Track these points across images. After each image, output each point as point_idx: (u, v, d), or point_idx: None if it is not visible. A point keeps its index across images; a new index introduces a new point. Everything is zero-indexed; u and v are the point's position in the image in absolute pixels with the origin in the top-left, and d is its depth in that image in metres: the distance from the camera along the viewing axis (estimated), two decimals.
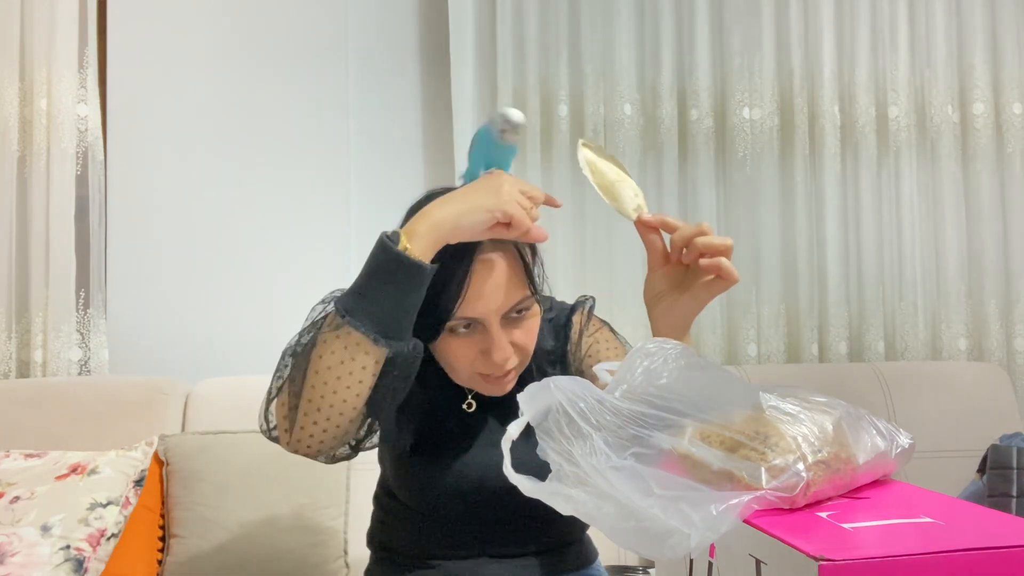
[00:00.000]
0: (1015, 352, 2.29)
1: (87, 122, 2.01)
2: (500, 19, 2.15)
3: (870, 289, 2.27)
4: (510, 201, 0.91)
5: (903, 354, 2.27)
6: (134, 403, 1.78)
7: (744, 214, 2.25)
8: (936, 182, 2.31)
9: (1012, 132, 2.31)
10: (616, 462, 0.69)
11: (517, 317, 1.01)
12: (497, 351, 0.98)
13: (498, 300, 0.98)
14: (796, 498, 0.66)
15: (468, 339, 0.99)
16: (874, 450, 0.76)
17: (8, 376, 1.93)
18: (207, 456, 1.65)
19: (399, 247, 0.88)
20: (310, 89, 2.14)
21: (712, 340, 2.21)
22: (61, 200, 1.96)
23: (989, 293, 2.29)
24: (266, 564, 1.59)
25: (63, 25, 1.97)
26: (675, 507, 0.63)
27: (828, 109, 2.25)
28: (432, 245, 0.90)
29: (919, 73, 2.32)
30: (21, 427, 1.72)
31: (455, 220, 0.90)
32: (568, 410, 0.74)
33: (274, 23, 2.14)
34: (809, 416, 0.73)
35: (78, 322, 1.98)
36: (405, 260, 0.88)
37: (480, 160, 1.03)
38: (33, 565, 1.40)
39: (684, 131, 2.25)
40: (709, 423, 0.73)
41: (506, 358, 0.98)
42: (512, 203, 0.91)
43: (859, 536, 0.60)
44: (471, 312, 0.97)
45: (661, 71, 2.22)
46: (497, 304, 0.98)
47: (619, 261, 2.18)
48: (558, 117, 2.16)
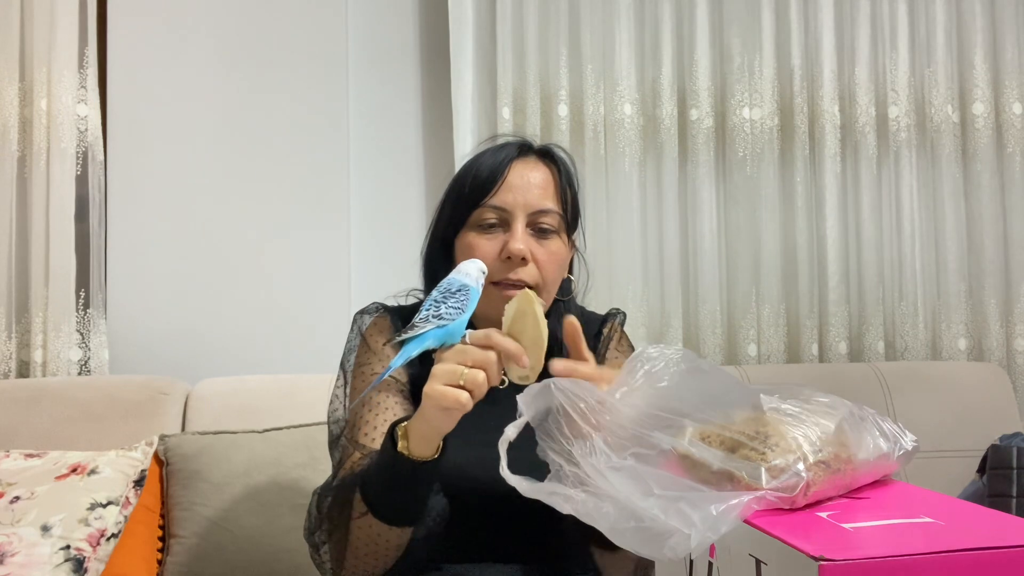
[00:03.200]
0: (1015, 352, 2.29)
1: (87, 122, 2.01)
2: (500, 19, 2.15)
3: (870, 289, 2.27)
4: (443, 395, 0.84)
5: (903, 354, 2.27)
6: (134, 403, 1.78)
7: (744, 214, 2.25)
8: (936, 182, 2.31)
9: (1012, 132, 2.31)
10: (616, 462, 0.69)
11: (542, 235, 1.09)
12: (515, 240, 1.06)
13: (528, 197, 1.08)
14: (796, 498, 0.66)
15: (491, 237, 1.07)
16: (876, 451, 0.76)
17: (8, 376, 1.93)
18: (207, 456, 1.65)
19: (399, 446, 0.90)
20: (310, 89, 2.14)
21: (712, 340, 2.21)
22: (61, 200, 1.95)
23: (989, 293, 2.29)
24: (266, 564, 1.59)
25: (63, 25, 1.97)
26: (675, 507, 0.63)
27: (828, 109, 2.25)
28: (430, 443, 0.90)
29: (919, 73, 2.32)
30: (21, 427, 1.72)
31: (435, 429, 0.88)
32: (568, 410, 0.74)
33: (274, 24, 2.14)
34: (810, 416, 0.73)
35: (78, 322, 1.98)
36: (403, 459, 0.90)
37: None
38: (33, 565, 1.40)
39: (684, 131, 2.25)
40: (709, 423, 0.73)
41: (521, 249, 1.05)
42: (446, 395, 0.84)
43: (859, 536, 0.60)
44: (500, 201, 1.07)
45: (661, 71, 2.22)
46: (526, 199, 1.07)
47: (619, 260, 2.18)
48: (558, 117, 2.16)
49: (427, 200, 2.23)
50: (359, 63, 2.21)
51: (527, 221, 1.08)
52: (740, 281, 2.24)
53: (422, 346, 0.83)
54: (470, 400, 0.83)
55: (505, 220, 1.08)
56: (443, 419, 0.86)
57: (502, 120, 2.12)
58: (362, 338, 1.15)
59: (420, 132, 2.25)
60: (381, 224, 2.20)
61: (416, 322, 0.84)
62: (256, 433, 1.70)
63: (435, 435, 0.88)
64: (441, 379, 0.83)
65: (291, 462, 1.66)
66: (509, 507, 0.96)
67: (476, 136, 2.15)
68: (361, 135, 2.20)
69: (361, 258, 2.16)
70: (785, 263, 2.26)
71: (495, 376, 0.84)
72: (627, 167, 2.19)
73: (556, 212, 1.10)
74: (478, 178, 1.09)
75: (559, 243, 1.11)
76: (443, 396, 0.83)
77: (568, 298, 1.18)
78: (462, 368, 0.83)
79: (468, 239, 1.10)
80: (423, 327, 0.83)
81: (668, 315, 2.20)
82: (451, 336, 0.84)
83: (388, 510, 0.94)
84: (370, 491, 0.95)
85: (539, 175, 1.11)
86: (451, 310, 0.84)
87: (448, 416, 0.85)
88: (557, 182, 1.12)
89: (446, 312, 0.84)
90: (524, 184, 1.09)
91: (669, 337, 2.20)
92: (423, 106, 2.25)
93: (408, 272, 1.27)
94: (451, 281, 0.89)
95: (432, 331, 0.83)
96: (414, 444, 0.89)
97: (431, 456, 0.90)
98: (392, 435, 0.91)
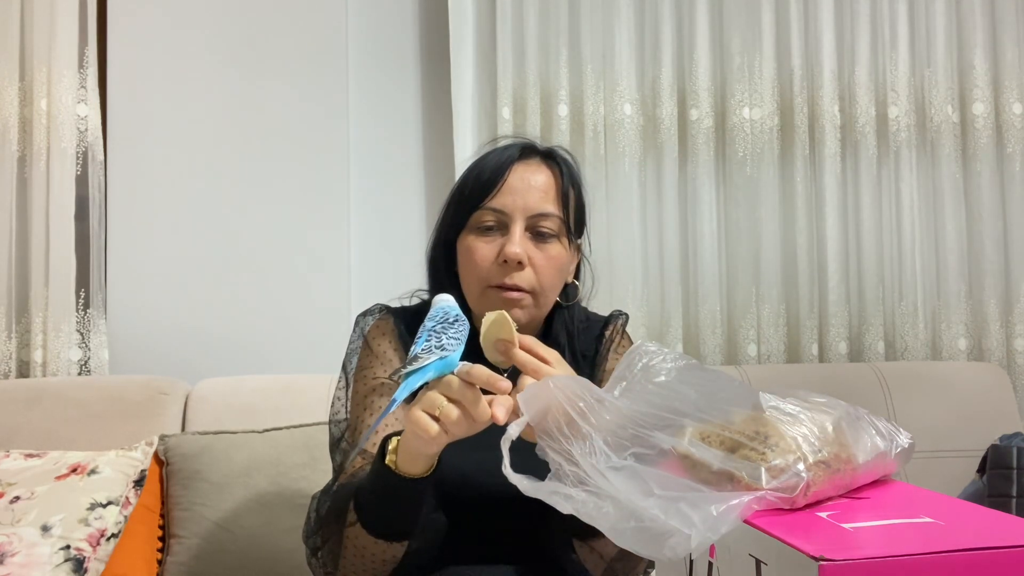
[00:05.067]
0: (1015, 352, 2.29)
1: (87, 122, 2.01)
2: (500, 19, 2.15)
3: (870, 289, 2.27)
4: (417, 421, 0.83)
5: (903, 354, 2.27)
6: (134, 403, 1.78)
7: (744, 214, 2.25)
8: (936, 182, 2.31)
9: (1012, 132, 2.31)
10: (616, 462, 0.69)
11: (541, 239, 1.08)
12: (511, 244, 1.05)
13: (528, 200, 1.07)
14: (796, 498, 0.66)
15: (490, 240, 1.07)
16: (874, 450, 0.76)
17: (8, 376, 1.93)
18: (207, 456, 1.65)
19: (387, 459, 0.89)
20: (310, 89, 2.14)
21: (712, 340, 2.21)
22: (61, 200, 1.95)
23: (989, 293, 2.29)
24: (266, 564, 1.59)
25: (63, 25, 1.97)
26: (675, 507, 0.63)
27: (828, 109, 2.25)
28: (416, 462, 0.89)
29: (919, 73, 2.32)
30: (21, 427, 1.72)
31: (415, 449, 0.87)
32: (568, 409, 0.74)
33: (274, 23, 2.14)
34: (809, 416, 0.73)
35: (78, 322, 1.98)
36: (390, 472, 0.89)
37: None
38: (33, 565, 1.40)
39: (684, 131, 2.25)
40: (709, 423, 0.73)
41: (518, 253, 1.04)
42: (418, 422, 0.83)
43: (859, 536, 0.60)
44: (499, 204, 1.06)
45: (661, 71, 2.22)
46: (526, 202, 1.06)
47: (619, 260, 2.18)
48: (558, 117, 2.16)
49: (427, 200, 2.23)
50: (359, 63, 2.21)
51: (526, 224, 1.07)
52: (740, 281, 2.24)
53: (424, 377, 0.82)
54: (441, 434, 0.81)
55: (504, 223, 1.07)
56: (419, 444, 0.84)
57: (502, 120, 2.12)
58: (364, 340, 1.14)
59: (420, 132, 2.25)
60: (381, 224, 2.20)
61: (419, 353, 0.82)
62: (256, 433, 1.70)
63: (418, 455, 0.87)
64: (421, 405, 0.82)
65: (291, 462, 1.66)
66: (509, 510, 0.96)
67: (476, 136, 2.15)
68: (361, 135, 2.20)
69: (361, 258, 2.16)
70: (785, 263, 2.26)
71: (475, 414, 0.81)
72: (627, 167, 2.19)
73: (556, 216, 1.09)
74: (479, 180, 1.09)
75: (559, 247, 1.10)
76: (416, 422, 0.82)
77: (571, 303, 1.17)
78: (442, 399, 0.81)
79: (467, 242, 1.09)
80: (427, 358, 0.82)
81: (668, 315, 2.20)
82: (449, 366, 0.82)
83: (376, 522, 0.93)
84: (361, 500, 0.94)
85: (541, 178, 1.09)
86: (452, 340, 0.83)
87: (422, 443, 0.83)
88: (559, 185, 1.11)
89: (447, 343, 0.83)
90: (524, 187, 1.07)
91: (669, 337, 2.20)
92: (423, 106, 2.25)
93: (408, 272, 1.27)
94: (446, 310, 0.88)
95: (435, 363, 0.82)
96: (402, 460, 0.88)
97: (420, 474, 0.88)
98: (383, 447, 0.90)
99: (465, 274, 1.10)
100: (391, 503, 0.91)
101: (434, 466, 0.89)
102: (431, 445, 0.83)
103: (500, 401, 0.81)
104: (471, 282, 1.09)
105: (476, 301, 1.09)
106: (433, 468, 0.89)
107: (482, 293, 1.08)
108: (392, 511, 0.92)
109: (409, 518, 0.93)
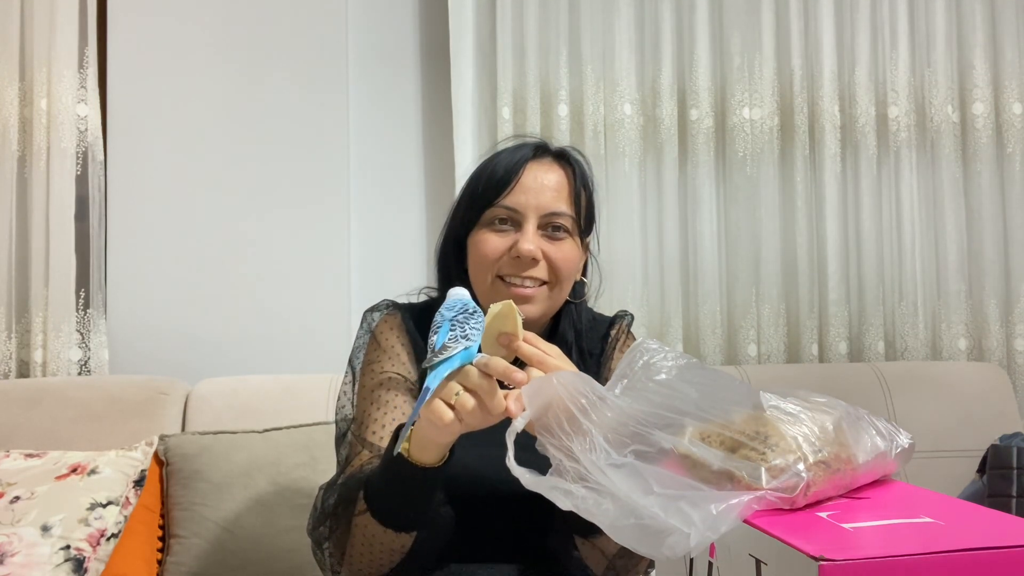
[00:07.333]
0: (1015, 352, 2.29)
1: (87, 122, 2.01)
2: (500, 19, 2.15)
3: (870, 289, 2.27)
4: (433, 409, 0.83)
5: (903, 354, 2.27)
6: (134, 403, 1.78)
7: (744, 214, 2.25)
8: (936, 182, 2.31)
9: (1012, 132, 2.31)
10: (616, 459, 0.69)
11: (554, 234, 1.10)
12: (525, 241, 1.07)
13: (541, 199, 1.08)
14: (796, 498, 0.66)
15: (503, 234, 1.09)
16: (874, 450, 0.76)
17: (8, 376, 1.93)
18: (207, 456, 1.65)
19: (400, 447, 0.88)
20: (310, 89, 2.14)
21: (712, 340, 2.21)
22: (61, 200, 1.95)
23: (989, 293, 2.29)
24: (266, 564, 1.59)
25: (63, 25, 1.97)
26: (675, 506, 0.63)
27: (828, 109, 2.25)
28: (428, 451, 0.89)
29: (919, 73, 2.32)
30: (21, 427, 1.72)
31: (429, 438, 0.87)
32: (569, 405, 0.74)
33: (274, 23, 2.14)
34: (809, 416, 0.73)
35: (78, 322, 1.98)
36: (402, 460, 0.89)
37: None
38: (33, 565, 1.40)
39: (684, 131, 2.25)
40: (709, 423, 0.73)
41: (531, 250, 1.06)
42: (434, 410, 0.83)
43: (859, 536, 0.60)
44: (513, 202, 1.08)
45: (661, 71, 2.22)
46: (539, 201, 1.08)
47: (619, 260, 2.18)
48: (558, 117, 2.16)
49: (427, 200, 2.23)
50: (359, 63, 2.21)
51: (539, 223, 1.09)
52: (740, 281, 2.24)
53: (452, 366, 0.82)
54: (455, 422, 0.81)
55: (517, 221, 1.09)
56: (433, 432, 0.85)
57: (502, 120, 2.12)
58: (372, 335, 1.15)
59: (420, 132, 2.25)
60: (381, 224, 2.20)
61: (448, 343, 0.82)
62: (256, 433, 1.70)
63: (431, 444, 0.87)
64: (438, 393, 0.83)
65: (291, 462, 1.66)
66: (511, 505, 0.96)
67: (476, 136, 2.15)
68: (361, 135, 2.20)
69: (361, 258, 2.16)
70: (785, 263, 2.26)
71: (491, 405, 0.81)
72: (627, 167, 2.19)
73: (568, 215, 1.11)
74: (492, 178, 1.10)
75: (571, 245, 1.12)
76: (432, 409, 0.82)
77: (579, 301, 1.19)
78: (459, 387, 0.82)
79: (479, 235, 1.10)
80: (455, 347, 0.82)
81: (668, 315, 2.20)
82: (469, 357, 0.83)
83: (385, 511, 0.94)
84: (372, 489, 0.95)
85: (553, 177, 1.11)
86: (473, 331, 0.83)
87: (436, 431, 0.84)
88: (572, 185, 1.12)
89: (470, 332, 0.83)
90: (537, 186, 1.09)
91: (669, 337, 2.20)
92: (423, 106, 2.25)
93: (408, 271, 1.27)
94: (463, 302, 0.88)
95: (461, 352, 0.82)
96: (415, 448, 0.88)
97: (432, 464, 0.89)
98: (395, 436, 0.91)
99: (475, 266, 1.11)
100: (402, 492, 0.92)
101: (446, 457, 0.90)
102: (444, 434, 0.84)
103: (514, 395, 0.82)
104: (481, 273, 1.10)
105: (485, 293, 1.10)
106: (445, 459, 0.90)
107: (492, 284, 1.09)
108: (403, 500, 0.93)
109: (419, 508, 0.93)
